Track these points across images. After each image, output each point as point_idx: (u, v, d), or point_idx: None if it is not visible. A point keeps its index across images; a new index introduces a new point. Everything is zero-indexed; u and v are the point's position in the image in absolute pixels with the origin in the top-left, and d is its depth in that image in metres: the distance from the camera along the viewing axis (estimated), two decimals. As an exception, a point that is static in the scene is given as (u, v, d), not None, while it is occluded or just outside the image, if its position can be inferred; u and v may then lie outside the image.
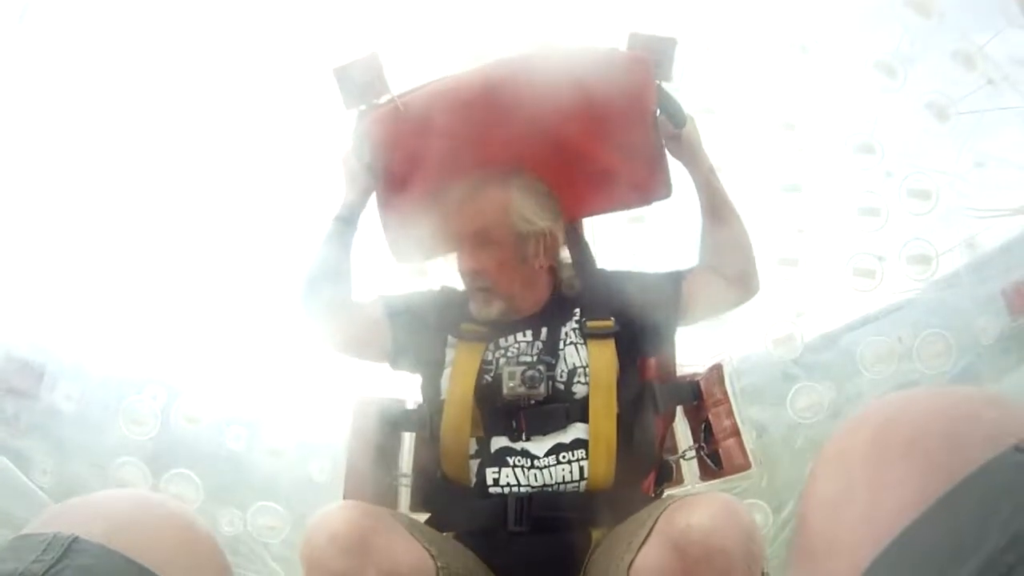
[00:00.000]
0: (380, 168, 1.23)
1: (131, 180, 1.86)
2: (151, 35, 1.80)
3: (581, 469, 1.08)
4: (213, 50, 1.77)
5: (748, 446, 1.38)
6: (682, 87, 1.27)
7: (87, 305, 1.90)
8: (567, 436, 1.09)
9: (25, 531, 0.42)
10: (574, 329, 1.16)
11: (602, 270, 1.31)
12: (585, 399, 1.11)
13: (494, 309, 1.15)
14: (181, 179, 1.88)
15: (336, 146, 1.27)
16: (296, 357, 1.58)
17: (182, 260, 1.87)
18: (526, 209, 1.16)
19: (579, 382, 1.12)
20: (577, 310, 1.18)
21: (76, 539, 0.40)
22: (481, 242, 1.15)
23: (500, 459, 1.09)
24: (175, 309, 1.87)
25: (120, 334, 1.89)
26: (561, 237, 1.21)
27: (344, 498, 1.34)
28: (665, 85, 1.24)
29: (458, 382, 1.13)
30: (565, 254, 1.25)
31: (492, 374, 1.13)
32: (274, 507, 1.76)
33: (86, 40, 1.78)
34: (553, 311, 1.18)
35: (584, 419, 1.09)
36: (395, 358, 1.23)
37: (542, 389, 1.09)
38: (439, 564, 0.97)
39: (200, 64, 1.79)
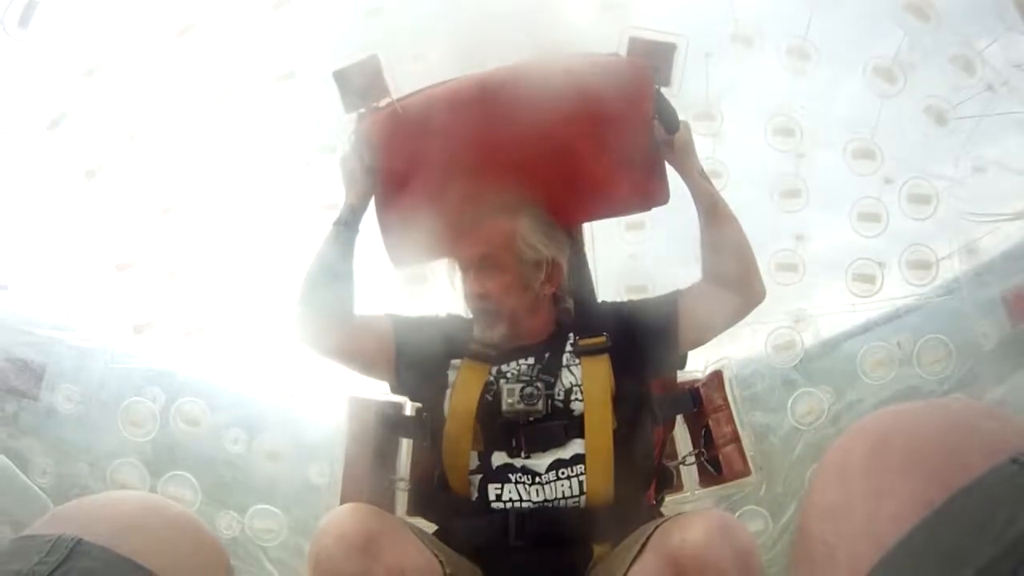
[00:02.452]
0: (379, 170, 1.24)
1: (128, 180, 1.86)
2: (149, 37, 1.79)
3: (580, 484, 1.09)
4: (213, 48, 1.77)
5: (748, 452, 1.39)
6: (681, 92, 1.27)
7: (88, 306, 1.89)
8: (567, 452, 1.10)
9: (29, 531, 0.42)
10: (569, 351, 1.18)
11: (603, 302, 1.33)
12: (583, 415, 1.11)
13: (497, 332, 1.17)
14: (179, 177, 1.88)
15: (337, 148, 1.28)
16: (296, 360, 1.58)
17: (181, 262, 1.87)
18: (533, 237, 1.18)
19: (576, 399, 1.13)
20: (571, 334, 1.20)
21: (80, 541, 0.40)
22: (486, 266, 1.17)
23: (502, 475, 1.10)
24: (175, 311, 1.87)
25: (120, 335, 1.89)
26: (566, 267, 1.22)
27: (341, 500, 1.34)
28: (663, 90, 1.24)
29: (461, 398, 1.14)
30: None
31: (493, 393, 1.14)
32: (272, 510, 1.76)
33: (84, 45, 1.78)
34: (555, 340, 1.20)
35: (583, 435, 1.10)
36: (397, 380, 1.23)
37: (540, 405, 1.10)
38: (447, 572, 0.97)
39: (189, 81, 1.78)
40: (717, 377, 1.35)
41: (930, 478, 0.35)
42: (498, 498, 1.09)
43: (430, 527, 1.18)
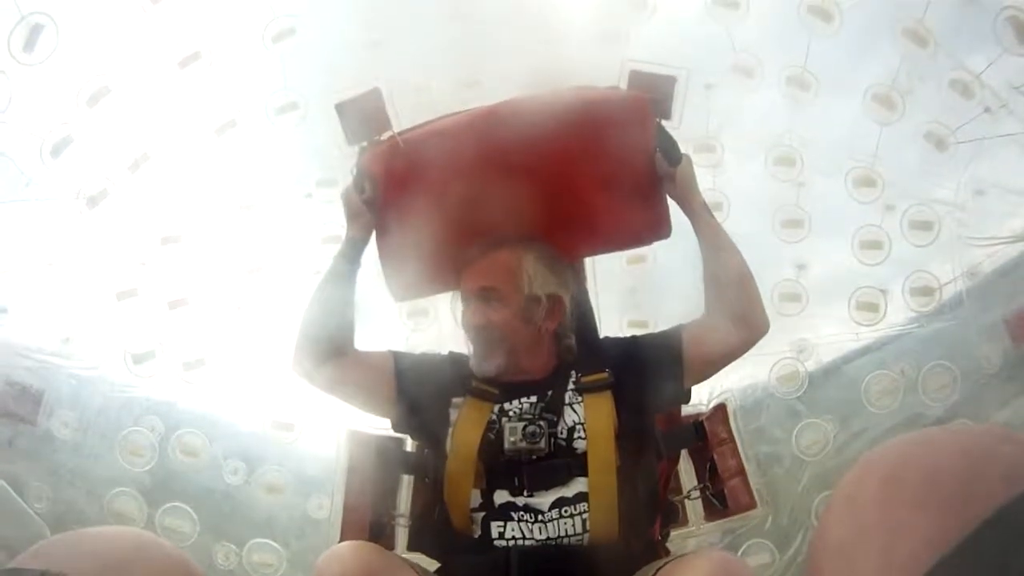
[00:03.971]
0: (380, 204, 1.23)
1: (130, 208, 1.87)
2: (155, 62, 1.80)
3: (583, 522, 1.07)
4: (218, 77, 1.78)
5: (753, 485, 1.37)
6: (681, 124, 1.27)
7: (88, 334, 1.89)
8: (570, 490, 1.08)
9: (14, 564, 0.41)
10: (572, 389, 1.16)
11: (606, 337, 1.31)
12: (586, 454, 1.09)
13: (493, 363, 1.15)
14: (181, 207, 1.89)
15: (338, 181, 1.28)
16: (296, 393, 1.57)
17: (182, 292, 1.87)
18: (536, 271, 1.17)
19: (579, 437, 1.11)
20: (573, 372, 1.18)
21: None
22: (486, 298, 1.16)
23: (505, 513, 1.08)
24: (175, 341, 1.86)
25: (120, 364, 1.88)
26: (569, 303, 1.20)
27: (341, 534, 1.32)
28: (664, 123, 1.24)
29: (463, 437, 1.12)
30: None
31: (495, 432, 1.12)
32: (270, 544, 1.74)
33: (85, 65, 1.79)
34: (557, 378, 1.18)
35: (586, 473, 1.08)
36: (398, 417, 1.22)
37: (542, 444, 1.08)
38: None
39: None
40: (721, 411, 1.34)
41: (948, 512, 0.34)
42: (501, 535, 1.07)
43: (431, 563, 1.16)
